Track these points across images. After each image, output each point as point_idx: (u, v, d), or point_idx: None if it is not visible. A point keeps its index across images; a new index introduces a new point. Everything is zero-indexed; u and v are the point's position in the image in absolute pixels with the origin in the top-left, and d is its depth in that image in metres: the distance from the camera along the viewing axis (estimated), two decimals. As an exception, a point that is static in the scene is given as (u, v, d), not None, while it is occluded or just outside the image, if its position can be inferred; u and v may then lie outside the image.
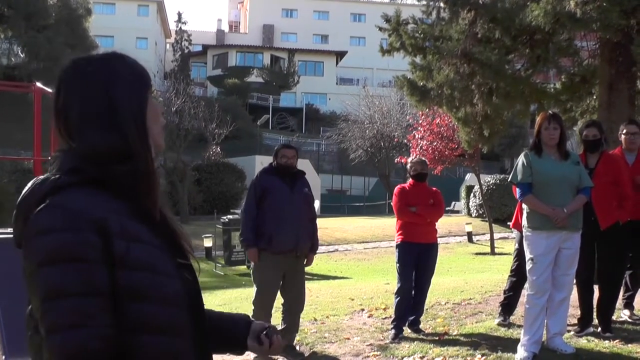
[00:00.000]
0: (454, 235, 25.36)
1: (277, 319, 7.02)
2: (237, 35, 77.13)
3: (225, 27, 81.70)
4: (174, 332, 1.61)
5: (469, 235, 24.72)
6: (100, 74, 1.67)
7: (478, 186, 25.38)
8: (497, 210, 26.18)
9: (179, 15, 66.29)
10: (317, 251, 7.36)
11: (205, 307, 1.83)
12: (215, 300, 10.68)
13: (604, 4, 8.55)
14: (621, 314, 7.46)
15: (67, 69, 1.70)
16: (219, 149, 39.02)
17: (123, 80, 1.69)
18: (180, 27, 66.04)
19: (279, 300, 6.94)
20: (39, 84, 7.82)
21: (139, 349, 1.54)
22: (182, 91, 37.36)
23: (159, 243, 1.65)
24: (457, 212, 34.87)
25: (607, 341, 6.35)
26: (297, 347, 6.94)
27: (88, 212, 1.53)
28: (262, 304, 6.79)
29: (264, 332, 1.96)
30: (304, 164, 37.69)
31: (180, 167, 33.30)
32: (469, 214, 31.19)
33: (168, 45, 71.26)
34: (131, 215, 1.61)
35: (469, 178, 33.71)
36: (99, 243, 1.51)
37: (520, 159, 6.05)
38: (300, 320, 7.58)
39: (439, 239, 7.87)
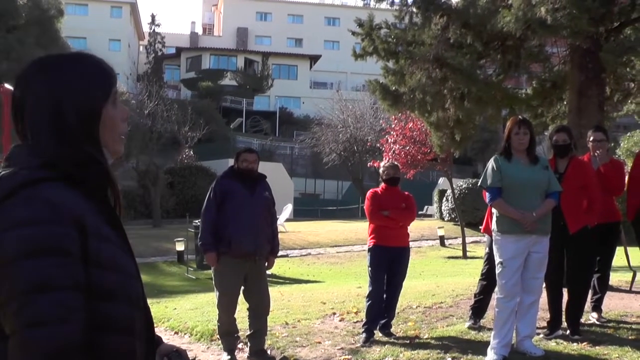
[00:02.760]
0: (427, 239, 25.40)
1: (246, 323, 7.02)
2: (211, 38, 76.84)
3: (199, 30, 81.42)
4: (135, 332, 1.62)
5: (442, 239, 24.78)
6: (58, 75, 1.66)
7: (450, 190, 25.50)
8: (470, 214, 26.28)
9: (153, 17, 66.06)
10: (290, 255, 7.37)
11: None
12: (187, 305, 10.62)
13: (574, 11, 8.66)
14: (589, 317, 7.55)
15: (28, 67, 1.69)
16: (192, 152, 38.89)
17: (81, 83, 1.67)
18: (154, 29, 65.76)
19: (246, 304, 6.94)
20: (7, 85, 7.73)
21: (101, 348, 1.53)
22: (155, 94, 37.21)
23: (122, 244, 1.65)
24: (430, 216, 34.97)
25: (575, 344, 6.42)
26: (268, 351, 6.95)
27: (68, 207, 1.51)
28: (225, 307, 6.82)
29: (168, 356, 1.91)
30: (277, 168, 37.76)
31: (153, 170, 33.12)
32: (442, 218, 31.29)
33: (141, 48, 70.74)
34: (99, 215, 1.61)
35: (442, 182, 33.84)
36: (77, 238, 1.51)
37: (490, 164, 6.10)
38: (272, 324, 7.59)
39: (411, 243, 7.91)
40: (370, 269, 7.39)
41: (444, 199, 30.83)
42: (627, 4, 9.44)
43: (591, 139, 7.58)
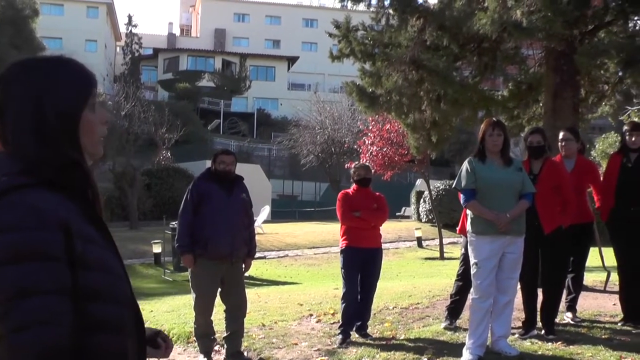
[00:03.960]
0: (404, 240, 25.47)
1: (223, 325, 7.01)
2: (189, 39, 76.59)
3: (176, 31, 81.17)
4: (124, 331, 1.64)
5: (419, 240, 24.87)
6: (39, 79, 1.66)
7: (428, 192, 25.61)
8: (447, 215, 26.41)
9: (130, 18, 65.73)
10: (267, 257, 7.38)
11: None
12: (163, 307, 10.58)
13: (549, 14, 8.73)
14: (564, 317, 7.62)
15: (8, 69, 1.69)
16: (169, 153, 38.73)
17: (61, 87, 1.67)
18: (131, 30, 65.43)
19: (223, 306, 6.94)
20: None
21: (92, 348, 1.55)
22: (132, 95, 36.99)
23: (107, 245, 1.67)
24: (407, 217, 35.09)
25: (550, 343, 6.47)
26: (245, 353, 6.95)
27: (53, 211, 1.53)
28: (201, 309, 6.81)
29: (160, 336, 1.97)
30: (254, 169, 37.70)
31: (130, 171, 32.93)
32: (419, 219, 31.41)
33: (118, 49, 70.35)
34: (83, 217, 1.62)
35: (419, 184, 33.95)
36: (64, 242, 1.52)
37: (464, 165, 6.14)
38: (248, 325, 7.59)
39: (388, 244, 7.95)
40: (343, 270, 7.40)
41: (422, 200, 30.95)
42: (601, 7, 9.53)
43: (559, 138, 7.69)
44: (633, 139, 7.37)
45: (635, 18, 10.45)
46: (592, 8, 9.45)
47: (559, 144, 7.67)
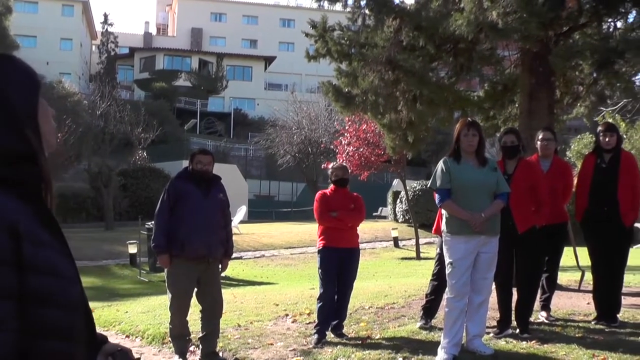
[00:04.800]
0: (380, 241, 25.54)
1: (198, 325, 6.99)
2: (165, 38, 76.27)
3: (153, 30, 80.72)
4: (74, 337, 1.59)
5: (395, 241, 24.94)
6: None
7: (404, 192, 25.69)
8: (423, 215, 26.49)
9: (105, 16, 65.32)
10: (244, 257, 7.36)
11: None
12: (138, 308, 10.51)
13: (524, 15, 8.77)
14: (539, 316, 7.68)
15: None
16: (145, 153, 38.55)
17: (15, 82, 1.66)
18: (107, 29, 65.01)
19: (199, 306, 6.91)
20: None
21: (39, 354, 1.50)
22: (108, 94, 36.83)
23: (60, 247, 1.62)
24: (384, 217, 35.16)
25: (524, 342, 6.51)
26: (220, 354, 6.93)
27: (1, 213, 1.49)
28: (177, 310, 6.78)
29: (112, 355, 1.88)
30: (231, 169, 37.60)
31: (105, 171, 32.74)
32: (396, 219, 31.49)
33: (94, 47, 69.82)
34: (35, 218, 1.58)
35: (396, 184, 34.04)
36: (11, 246, 1.48)
37: (440, 165, 6.16)
38: (224, 326, 7.57)
39: (365, 245, 7.96)
40: (320, 270, 7.40)
41: (398, 200, 31.03)
42: (575, 9, 9.60)
43: (539, 137, 7.75)
44: (607, 139, 7.44)
45: (609, 20, 10.53)
46: (567, 10, 9.52)
47: (539, 143, 7.73)
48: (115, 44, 64.93)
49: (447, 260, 6.12)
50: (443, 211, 6.28)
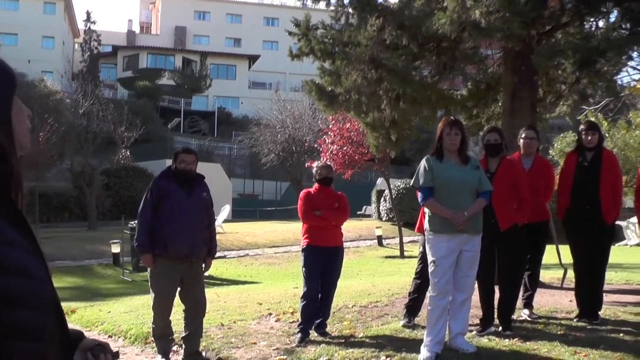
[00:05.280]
0: (364, 239, 25.57)
1: (181, 325, 6.97)
2: (149, 36, 75.99)
3: (136, 28, 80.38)
4: (45, 337, 1.57)
5: (379, 239, 24.97)
6: None
7: (388, 190, 25.73)
8: (407, 214, 26.53)
9: (88, 14, 64.94)
10: (227, 256, 7.34)
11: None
12: (121, 308, 10.46)
13: (507, 15, 8.81)
14: (521, 313, 7.72)
15: None
16: (128, 152, 38.41)
17: None
18: (89, 27, 64.61)
19: (182, 305, 6.89)
20: None
21: (9, 354, 1.47)
22: (91, 93, 36.64)
23: (31, 247, 1.60)
24: (368, 216, 35.20)
25: (507, 339, 6.54)
26: (203, 353, 6.91)
27: None
28: (160, 310, 6.76)
29: (91, 350, 1.87)
30: (215, 168, 37.51)
31: (88, 171, 32.57)
32: (380, 218, 31.53)
33: (76, 45, 69.39)
34: (5, 218, 1.56)
35: (380, 182, 34.08)
36: None
37: (422, 164, 6.18)
38: (207, 325, 7.55)
39: (349, 243, 7.96)
40: (304, 269, 7.40)
41: (382, 199, 31.07)
42: (557, 8, 9.65)
43: (523, 136, 7.79)
44: (589, 138, 7.48)
45: (591, 19, 10.59)
46: (549, 9, 9.56)
47: (522, 141, 7.78)
48: (98, 42, 64.54)
49: (429, 258, 6.13)
50: (426, 209, 6.29)
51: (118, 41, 70.44)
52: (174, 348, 7.16)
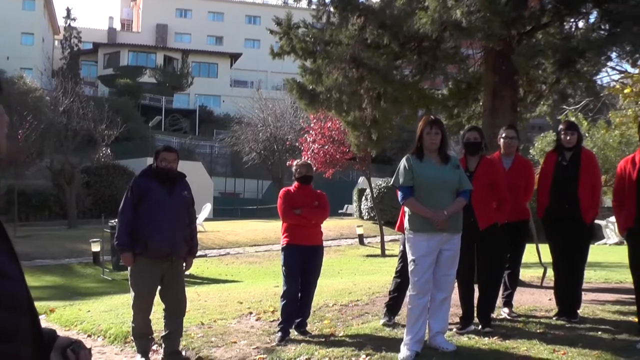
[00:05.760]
0: (346, 238, 25.60)
1: (161, 324, 6.94)
2: (130, 34, 75.61)
3: (117, 26, 79.84)
4: (19, 338, 1.56)
5: (360, 238, 25.02)
6: None
7: (369, 189, 25.77)
8: (388, 213, 26.60)
9: (68, 11, 64.44)
10: (208, 255, 7.33)
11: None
12: (101, 307, 10.41)
13: (487, 15, 8.83)
14: (501, 312, 7.76)
15: None
16: (109, 150, 38.20)
17: None
18: (70, 24, 64.04)
19: (162, 305, 6.87)
20: None
21: None
22: (71, 90, 36.39)
23: (4, 248, 1.59)
24: (350, 215, 35.26)
25: (486, 338, 6.57)
26: (183, 352, 6.90)
27: None
28: (140, 308, 6.73)
29: (70, 347, 1.88)
30: (196, 167, 37.44)
31: (68, 169, 32.36)
32: (361, 216, 31.60)
33: (56, 42, 68.73)
34: None
35: (362, 181, 34.15)
36: None
37: (402, 163, 6.20)
38: (187, 324, 7.52)
39: (330, 242, 7.97)
40: (284, 268, 7.39)
41: (363, 198, 31.13)
42: (537, 9, 9.69)
43: (503, 135, 7.84)
44: (568, 137, 7.53)
45: (571, 20, 10.64)
46: (529, 9, 9.59)
47: (502, 141, 7.82)
48: (79, 39, 63.97)
49: (409, 257, 6.14)
50: (405, 208, 6.31)
51: (99, 38, 70.01)
52: (154, 347, 7.14)
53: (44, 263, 19.64)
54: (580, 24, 10.64)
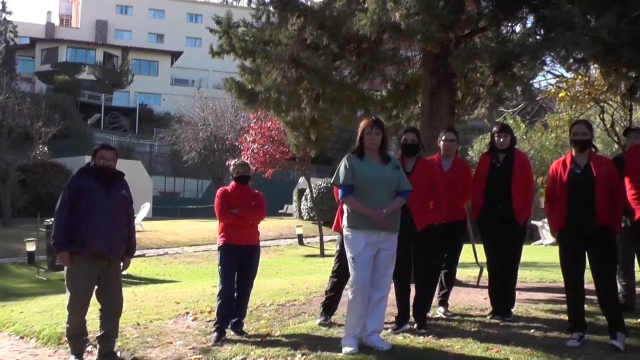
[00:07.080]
0: (285, 238, 25.60)
1: (96, 325, 6.85)
2: (69, 29, 74.21)
3: (55, 21, 78.30)
4: None
5: (300, 238, 25.06)
6: None
7: (309, 189, 25.83)
8: (328, 213, 26.64)
9: (3, 4, 62.60)
10: (147, 255, 7.25)
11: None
12: (35, 308, 10.21)
13: (425, 18, 8.92)
14: (436, 311, 7.86)
15: None
16: (46, 148, 37.46)
17: None
18: (5, 17, 62.34)
19: (97, 305, 6.77)
20: None
21: None
22: (6, 86, 35.51)
23: None
24: (290, 215, 35.28)
25: (421, 337, 6.64)
26: (118, 353, 6.80)
27: None
28: (76, 309, 6.61)
29: None
30: (135, 165, 37.00)
31: (3, 167, 31.63)
32: (301, 216, 31.66)
33: (-10, 36, 67.12)
34: None
35: (302, 181, 34.19)
36: None
37: (343, 162, 6.25)
38: (123, 325, 7.43)
39: (270, 242, 7.97)
40: (220, 267, 7.35)
41: (303, 198, 31.18)
42: (475, 13, 9.83)
43: (443, 137, 7.93)
44: (501, 140, 7.67)
45: (508, 25, 10.83)
46: (467, 13, 9.73)
47: (442, 143, 7.91)
48: (15, 33, 62.32)
49: (348, 255, 6.18)
50: (344, 207, 6.35)
51: (36, 33, 68.47)
52: (88, 348, 7.02)
53: (-24, 263, 19.24)
54: (517, 28, 10.85)
